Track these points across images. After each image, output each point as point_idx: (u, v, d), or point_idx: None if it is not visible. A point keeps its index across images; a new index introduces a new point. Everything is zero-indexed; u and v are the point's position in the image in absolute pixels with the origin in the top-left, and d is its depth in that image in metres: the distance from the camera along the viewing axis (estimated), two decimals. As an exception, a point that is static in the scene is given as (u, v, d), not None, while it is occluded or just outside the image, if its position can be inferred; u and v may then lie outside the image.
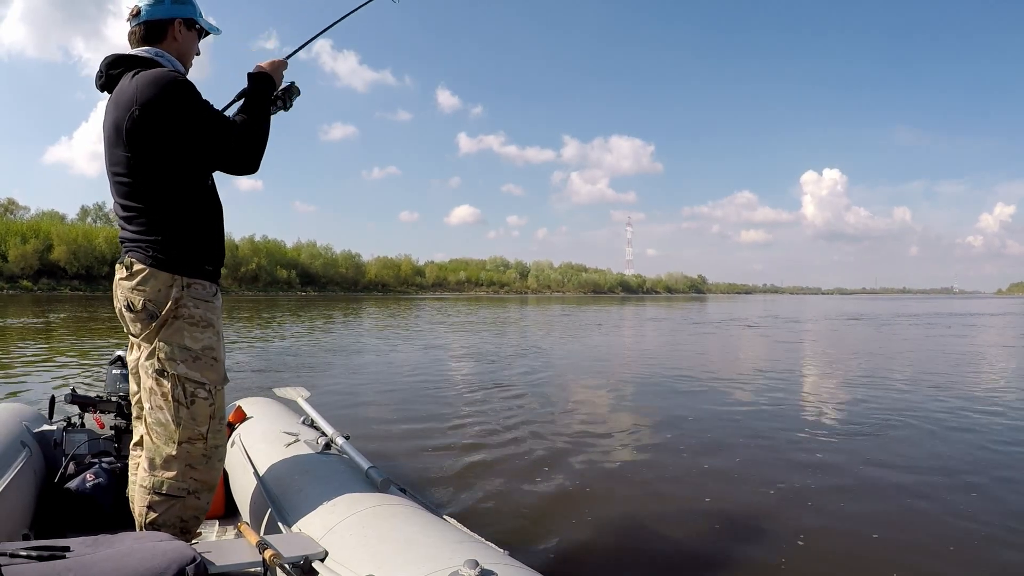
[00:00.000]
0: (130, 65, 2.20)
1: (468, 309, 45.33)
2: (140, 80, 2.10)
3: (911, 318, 35.64)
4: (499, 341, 18.04)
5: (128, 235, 2.18)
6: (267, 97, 2.37)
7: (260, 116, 2.29)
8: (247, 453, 2.77)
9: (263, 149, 2.27)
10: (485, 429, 6.43)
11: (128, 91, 2.10)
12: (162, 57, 2.25)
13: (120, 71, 2.20)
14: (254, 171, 2.27)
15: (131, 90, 2.09)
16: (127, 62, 2.22)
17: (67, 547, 1.62)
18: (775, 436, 6.31)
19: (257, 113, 2.29)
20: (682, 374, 11.09)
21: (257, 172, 2.28)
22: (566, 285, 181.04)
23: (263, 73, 2.39)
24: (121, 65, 2.21)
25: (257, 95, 2.34)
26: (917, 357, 14.47)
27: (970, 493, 4.57)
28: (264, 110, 2.33)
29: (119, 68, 2.21)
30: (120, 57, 2.24)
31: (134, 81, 2.11)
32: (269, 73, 2.40)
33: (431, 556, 1.63)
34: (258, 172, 2.27)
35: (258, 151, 2.25)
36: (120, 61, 2.22)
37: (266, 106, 2.35)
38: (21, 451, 2.78)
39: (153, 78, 2.10)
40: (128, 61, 2.22)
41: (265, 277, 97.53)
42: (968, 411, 7.67)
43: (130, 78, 2.13)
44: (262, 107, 2.32)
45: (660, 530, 3.90)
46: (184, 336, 2.14)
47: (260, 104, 2.33)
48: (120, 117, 2.09)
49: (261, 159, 2.27)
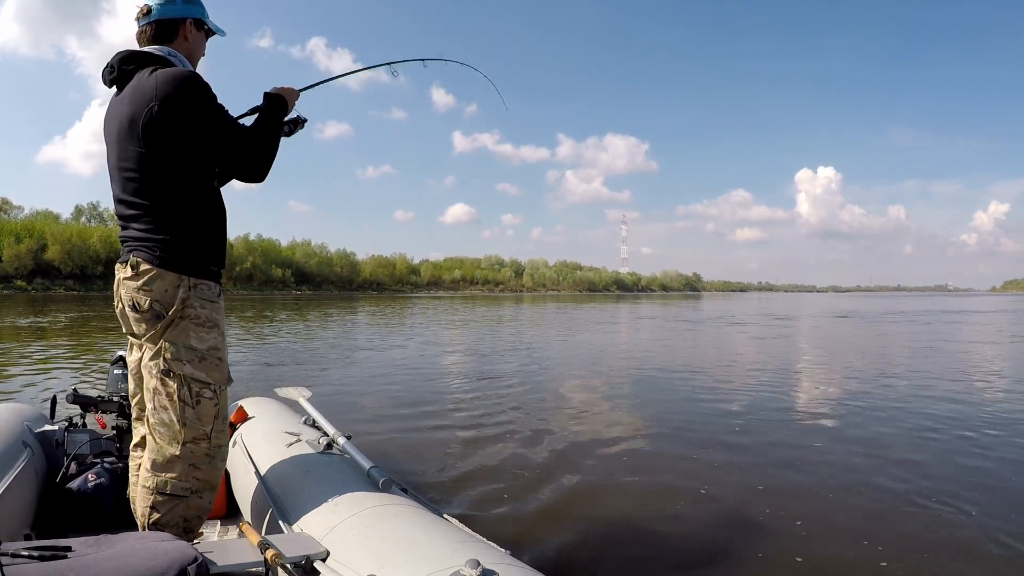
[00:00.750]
0: (144, 62, 2.21)
1: (464, 307, 45.30)
2: (161, 76, 2.11)
3: (907, 315, 35.78)
4: (497, 340, 18.05)
5: (133, 234, 2.17)
6: (280, 117, 2.41)
7: (272, 130, 2.33)
8: (249, 453, 2.77)
9: (271, 161, 2.30)
10: (486, 429, 6.43)
11: (147, 86, 2.10)
12: (174, 56, 2.27)
13: (133, 67, 2.20)
14: (261, 179, 2.30)
15: (150, 85, 2.10)
16: (141, 59, 2.22)
17: (69, 547, 1.63)
18: (773, 434, 6.34)
19: (269, 127, 2.33)
20: (681, 372, 11.14)
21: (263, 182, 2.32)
22: (561, 283, 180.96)
23: (279, 95, 2.43)
24: (135, 61, 2.22)
25: (271, 112, 2.38)
26: (916, 355, 14.53)
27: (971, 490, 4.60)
28: (276, 127, 2.37)
29: (132, 64, 2.21)
30: (134, 53, 2.24)
31: (153, 77, 2.11)
32: (284, 97, 2.45)
33: (433, 556, 1.64)
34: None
35: (267, 161, 2.28)
36: (134, 57, 2.23)
37: (279, 124, 2.39)
38: (23, 451, 2.78)
39: (174, 75, 2.11)
40: (142, 58, 2.23)
41: (260, 276, 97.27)
42: (961, 404, 7.73)
43: (148, 73, 2.14)
44: (275, 123, 2.37)
45: (661, 529, 3.91)
46: (190, 336, 2.15)
47: (273, 121, 2.37)
48: (137, 111, 2.09)
49: (269, 170, 2.30)
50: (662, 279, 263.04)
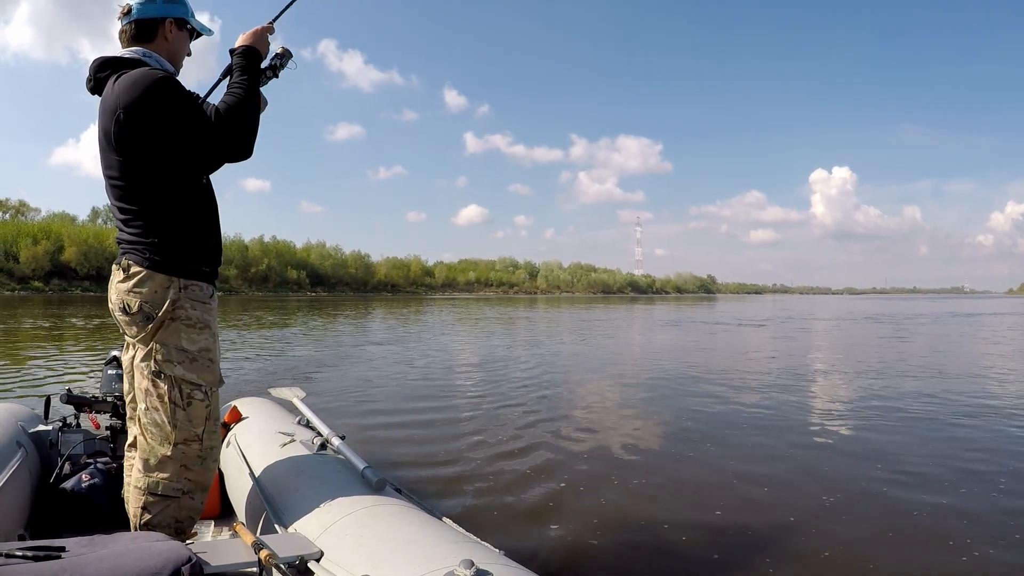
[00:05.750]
0: (116, 68, 2.18)
1: (478, 309, 45.37)
2: (121, 83, 2.09)
3: (930, 317, 35.41)
4: (506, 340, 18.07)
5: (125, 237, 2.18)
6: (253, 72, 2.27)
7: (247, 95, 2.20)
8: (243, 453, 2.77)
9: (254, 130, 2.20)
10: (484, 428, 6.41)
11: (111, 95, 2.10)
12: (149, 57, 2.24)
13: (107, 74, 2.18)
14: (247, 156, 2.20)
15: (113, 94, 2.09)
16: (113, 64, 2.20)
17: (63, 547, 1.62)
18: (779, 438, 6.26)
19: (242, 92, 2.19)
20: (689, 377, 11.03)
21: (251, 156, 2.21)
22: (575, 285, 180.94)
23: (246, 47, 2.30)
24: (108, 68, 2.20)
25: (241, 71, 2.25)
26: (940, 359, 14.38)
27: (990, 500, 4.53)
28: (250, 87, 2.23)
29: (106, 71, 2.19)
30: (106, 60, 2.22)
31: (116, 84, 2.10)
32: (252, 45, 2.30)
33: (427, 556, 1.63)
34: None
35: (247, 135, 2.17)
36: (107, 64, 2.21)
37: (253, 82, 2.25)
38: (16, 451, 2.78)
39: (133, 80, 2.08)
40: (114, 63, 2.21)
41: (275, 278, 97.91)
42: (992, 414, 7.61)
43: (113, 82, 2.12)
44: (248, 84, 2.23)
45: (658, 531, 3.86)
46: (181, 338, 2.14)
47: (245, 82, 2.23)
48: (107, 122, 2.09)
49: (253, 142, 2.20)
50: (676, 281, 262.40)
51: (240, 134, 2.16)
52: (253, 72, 2.28)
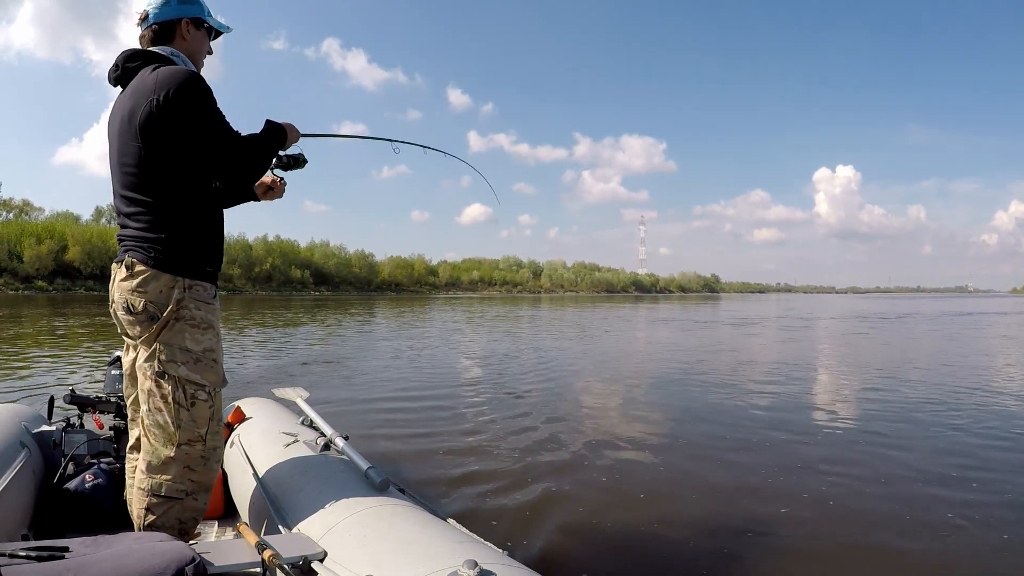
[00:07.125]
0: (148, 60, 2.23)
1: (482, 308, 45.35)
2: (162, 73, 2.12)
3: (942, 315, 35.36)
4: (510, 339, 18.05)
5: (130, 233, 2.17)
6: (277, 143, 2.41)
7: (266, 147, 2.34)
8: (246, 454, 2.78)
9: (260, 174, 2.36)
10: (488, 428, 6.41)
11: (148, 82, 2.12)
12: (177, 56, 2.29)
13: (137, 65, 2.22)
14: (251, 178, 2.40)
15: (151, 81, 2.11)
16: (146, 57, 2.25)
17: (66, 547, 1.63)
18: (781, 440, 6.25)
19: (264, 144, 2.33)
20: (694, 376, 11.02)
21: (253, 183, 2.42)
22: (579, 284, 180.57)
23: (280, 125, 2.43)
24: (139, 59, 2.24)
25: (269, 135, 2.37)
26: (941, 356, 14.36)
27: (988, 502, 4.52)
28: (269, 149, 2.37)
29: (136, 62, 2.23)
30: (138, 52, 2.27)
31: (155, 73, 2.13)
32: (285, 128, 2.44)
33: (430, 556, 1.64)
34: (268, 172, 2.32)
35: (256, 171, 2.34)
36: (138, 55, 2.25)
37: (273, 146, 2.39)
38: (20, 451, 2.78)
39: (174, 72, 2.13)
40: (146, 56, 2.25)
41: (279, 277, 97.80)
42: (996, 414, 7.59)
43: (150, 71, 2.16)
44: (270, 144, 2.37)
45: (660, 531, 3.86)
46: (185, 338, 2.14)
47: (269, 141, 2.37)
48: (137, 105, 2.11)
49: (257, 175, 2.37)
50: (680, 280, 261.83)
51: (252, 164, 2.30)
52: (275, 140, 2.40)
